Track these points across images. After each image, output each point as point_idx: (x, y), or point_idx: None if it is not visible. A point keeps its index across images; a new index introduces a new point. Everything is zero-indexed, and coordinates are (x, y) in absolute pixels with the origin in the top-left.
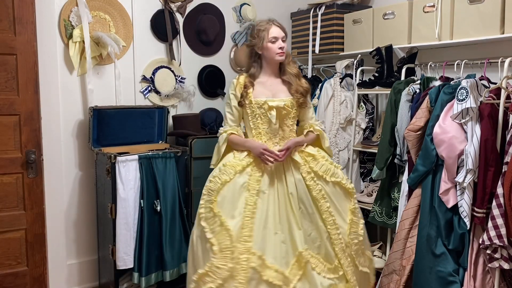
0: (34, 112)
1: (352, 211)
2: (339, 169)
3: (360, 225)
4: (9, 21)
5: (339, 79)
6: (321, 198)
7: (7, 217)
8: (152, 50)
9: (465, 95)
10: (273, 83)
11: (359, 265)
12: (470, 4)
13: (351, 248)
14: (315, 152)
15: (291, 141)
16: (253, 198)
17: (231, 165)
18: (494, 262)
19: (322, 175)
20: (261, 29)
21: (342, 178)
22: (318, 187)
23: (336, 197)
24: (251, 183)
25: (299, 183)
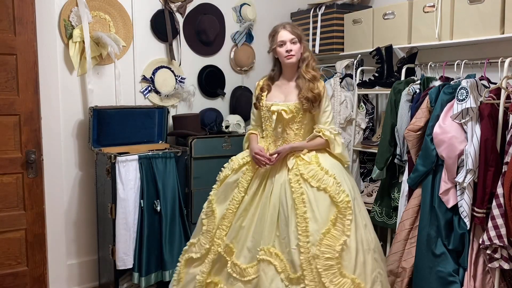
0: (34, 112)
1: (332, 222)
2: (332, 177)
3: (340, 240)
4: (9, 21)
5: (339, 79)
6: (299, 202)
7: (7, 217)
8: (152, 50)
9: (465, 95)
10: (288, 87)
11: (330, 285)
12: (470, 4)
13: (319, 261)
14: (310, 159)
15: (285, 146)
16: (239, 195)
17: (233, 161)
18: (494, 262)
19: (307, 179)
20: (273, 34)
21: (331, 186)
22: (300, 190)
23: (319, 203)
24: (241, 181)
25: (283, 186)
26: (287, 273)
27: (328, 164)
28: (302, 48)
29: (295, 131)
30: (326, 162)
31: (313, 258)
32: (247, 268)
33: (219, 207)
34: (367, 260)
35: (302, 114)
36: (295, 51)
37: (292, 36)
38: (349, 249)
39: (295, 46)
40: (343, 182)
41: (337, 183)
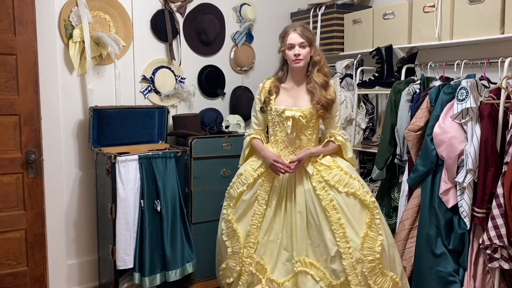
0: (34, 112)
1: (368, 225)
2: (356, 180)
3: (377, 241)
4: (9, 21)
5: (339, 79)
6: (331, 209)
7: (7, 217)
8: (152, 50)
9: (465, 95)
10: (297, 91)
11: (374, 286)
12: (470, 4)
13: (363, 265)
14: (330, 163)
15: (305, 152)
16: (261, 208)
17: (246, 176)
18: (494, 262)
19: (334, 185)
20: (283, 35)
21: (358, 189)
22: (328, 197)
23: (350, 208)
24: (260, 194)
25: (308, 193)
26: (328, 280)
27: (346, 166)
28: (312, 52)
29: (308, 136)
30: (344, 165)
31: (357, 262)
32: (284, 283)
33: (241, 225)
34: (395, 254)
35: (315, 120)
36: (304, 56)
37: (302, 39)
38: (385, 248)
39: (304, 51)
40: (364, 184)
41: (362, 186)
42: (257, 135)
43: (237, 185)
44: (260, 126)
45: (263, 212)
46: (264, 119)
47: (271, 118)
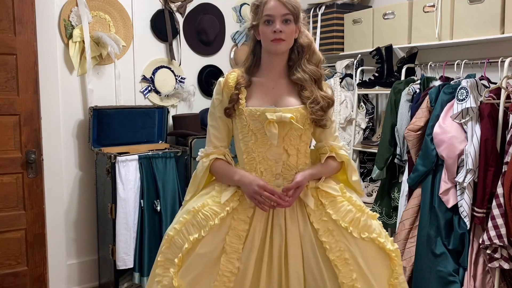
0: (34, 112)
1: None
2: (374, 219)
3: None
4: (9, 21)
5: (339, 79)
6: (343, 265)
7: (7, 217)
8: (152, 50)
9: (465, 95)
10: (277, 86)
11: None
12: (470, 4)
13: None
14: (338, 192)
15: (303, 175)
16: (231, 265)
17: (206, 214)
18: (494, 262)
19: (347, 228)
20: (257, 3)
21: (379, 233)
22: (338, 246)
23: (368, 262)
24: (231, 244)
25: (308, 241)
26: None
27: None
28: (297, 32)
29: (300, 150)
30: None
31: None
32: None
33: None
34: None
35: (308, 125)
36: (287, 34)
37: (286, 11)
38: None
39: (287, 27)
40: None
41: (381, 226)
42: (220, 155)
43: (188, 229)
44: (222, 141)
45: (235, 272)
46: (227, 130)
47: (241, 126)
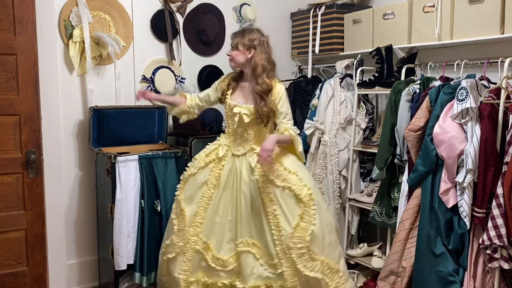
0: (34, 112)
1: (300, 216)
2: (294, 175)
3: (308, 231)
4: (9, 21)
5: (339, 79)
6: (268, 201)
7: (7, 217)
8: (152, 50)
9: (465, 95)
10: (248, 89)
11: (305, 269)
12: (470, 4)
13: (293, 251)
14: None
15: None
16: (209, 191)
17: (198, 160)
18: (494, 262)
19: (273, 180)
20: None
21: (295, 184)
22: (268, 190)
23: (286, 201)
24: (210, 178)
25: (252, 184)
26: (266, 258)
27: (289, 161)
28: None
29: (255, 131)
30: (288, 159)
31: (288, 249)
32: (228, 259)
33: (189, 205)
34: (332, 240)
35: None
36: (232, 56)
37: (234, 42)
38: (317, 236)
39: (232, 52)
40: (303, 176)
41: (299, 180)
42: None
43: (189, 168)
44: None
45: (211, 195)
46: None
47: (226, 111)
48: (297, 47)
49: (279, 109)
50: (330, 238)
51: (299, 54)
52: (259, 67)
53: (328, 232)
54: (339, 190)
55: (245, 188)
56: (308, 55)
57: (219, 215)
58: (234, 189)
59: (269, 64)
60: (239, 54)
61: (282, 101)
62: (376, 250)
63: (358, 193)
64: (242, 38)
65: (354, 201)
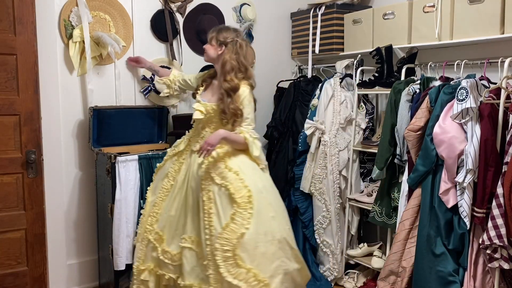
0: (34, 112)
1: (231, 217)
2: (233, 174)
3: (237, 233)
4: (9, 21)
5: (339, 79)
6: (207, 199)
7: (7, 217)
8: (152, 50)
9: (465, 95)
10: (217, 87)
11: (228, 275)
12: (470, 4)
13: (219, 253)
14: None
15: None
16: (168, 183)
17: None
18: (494, 262)
19: (214, 177)
20: None
21: (232, 183)
22: (208, 187)
23: (222, 199)
24: (171, 171)
25: (197, 180)
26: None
27: (236, 162)
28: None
29: (213, 129)
30: (236, 160)
31: (215, 249)
32: (177, 254)
33: (152, 195)
34: (268, 252)
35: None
36: (206, 50)
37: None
38: (248, 242)
39: (206, 46)
40: (248, 178)
41: (240, 180)
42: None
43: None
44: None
45: (170, 187)
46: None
47: None
48: (297, 47)
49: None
50: (266, 248)
51: (299, 54)
52: (227, 64)
53: (265, 242)
54: (339, 190)
55: (193, 184)
56: (308, 55)
57: (174, 209)
58: (187, 185)
59: (238, 64)
60: (211, 49)
61: (242, 104)
62: (376, 250)
63: (358, 193)
64: (217, 34)
65: (354, 201)
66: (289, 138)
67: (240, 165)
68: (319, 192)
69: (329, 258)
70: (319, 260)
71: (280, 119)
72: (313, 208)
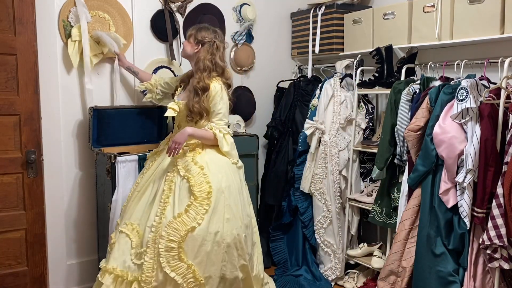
0: (34, 112)
1: (186, 209)
2: (198, 168)
3: (187, 226)
4: (9, 21)
5: (339, 79)
6: (168, 189)
7: (7, 217)
8: (152, 50)
9: (465, 95)
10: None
11: (167, 266)
12: (470, 4)
13: (163, 241)
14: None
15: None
16: (139, 179)
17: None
18: (494, 262)
19: (179, 170)
20: None
21: (194, 176)
22: (170, 178)
23: (181, 191)
24: (146, 168)
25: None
26: (138, 248)
27: (205, 157)
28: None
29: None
30: (206, 155)
31: (160, 237)
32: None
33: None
34: (213, 251)
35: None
36: (184, 45)
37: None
38: (196, 237)
39: (184, 42)
40: (212, 175)
41: (203, 175)
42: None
43: None
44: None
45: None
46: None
47: None
48: (297, 47)
49: (216, 111)
50: (212, 249)
51: (299, 54)
52: (200, 63)
53: (213, 243)
54: (339, 190)
55: (159, 176)
56: (308, 55)
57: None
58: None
59: (213, 65)
60: (188, 46)
61: (214, 100)
62: (376, 250)
63: (358, 193)
64: (196, 33)
65: (354, 201)
66: (289, 138)
67: (208, 161)
68: (319, 192)
69: (331, 258)
70: (319, 260)
71: (280, 119)
72: (313, 208)
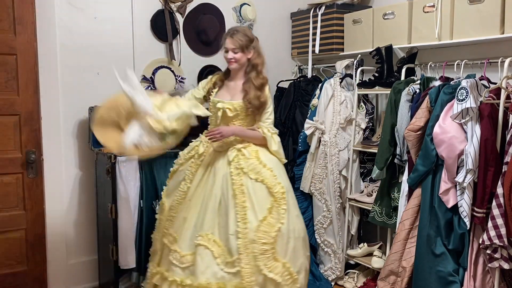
0: (34, 112)
1: (269, 210)
2: (268, 170)
3: (275, 227)
4: (9, 21)
5: (339, 79)
6: (240, 193)
7: (7, 217)
8: (152, 50)
9: (465, 95)
10: (235, 87)
11: (264, 268)
12: (470, 4)
13: (255, 246)
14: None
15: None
16: (185, 186)
17: (181, 156)
18: (494, 262)
19: (247, 172)
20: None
21: (268, 177)
22: (240, 182)
23: (257, 193)
24: (188, 174)
25: (225, 178)
26: (224, 257)
27: (266, 158)
28: (250, 55)
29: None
30: (265, 157)
31: (250, 242)
32: (186, 256)
33: (168, 200)
34: (297, 247)
35: (244, 114)
36: (237, 59)
37: (234, 46)
38: (283, 236)
39: (236, 55)
40: (279, 175)
41: (273, 176)
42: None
43: (174, 165)
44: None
45: (186, 189)
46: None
47: (210, 108)
48: (297, 47)
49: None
50: (295, 244)
51: (299, 54)
52: (259, 66)
53: (294, 238)
54: (339, 190)
55: (218, 182)
56: (308, 55)
57: (189, 211)
58: (208, 185)
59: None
60: (243, 57)
61: (270, 103)
62: (376, 250)
63: (358, 193)
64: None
65: (354, 201)
66: (289, 138)
67: (270, 162)
68: (319, 192)
69: (331, 258)
70: (319, 260)
71: (280, 119)
72: (313, 208)
